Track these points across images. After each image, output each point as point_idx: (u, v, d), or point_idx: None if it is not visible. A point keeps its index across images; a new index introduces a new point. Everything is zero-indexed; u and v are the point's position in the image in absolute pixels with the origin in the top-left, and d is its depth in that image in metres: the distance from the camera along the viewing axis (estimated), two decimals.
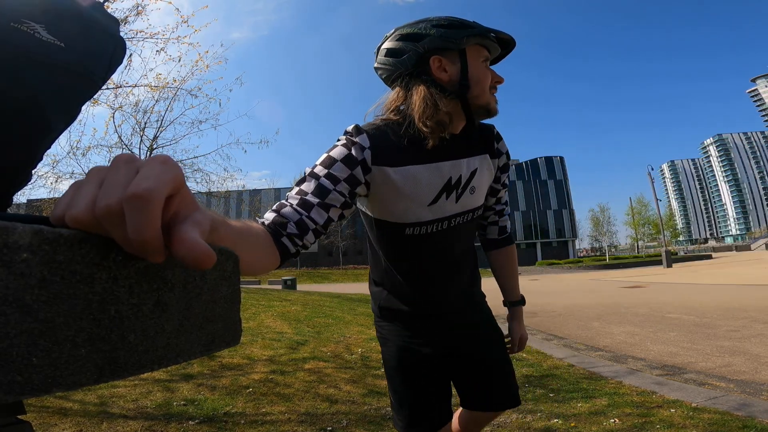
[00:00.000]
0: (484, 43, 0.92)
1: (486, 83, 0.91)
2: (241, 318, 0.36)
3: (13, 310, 0.21)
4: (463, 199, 0.95)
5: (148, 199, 0.24)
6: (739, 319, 4.98)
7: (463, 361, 1.09)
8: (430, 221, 0.93)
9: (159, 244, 0.24)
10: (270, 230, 0.68)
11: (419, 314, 1.04)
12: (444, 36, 0.87)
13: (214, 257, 0.25)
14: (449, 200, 0.93)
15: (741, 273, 12.94)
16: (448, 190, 0.93)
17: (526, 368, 3.31)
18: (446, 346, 1.07)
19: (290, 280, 15.15)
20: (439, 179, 0.91)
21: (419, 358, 1.03)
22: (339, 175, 0.80)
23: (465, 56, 0.89)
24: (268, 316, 5.88)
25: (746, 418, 2.07)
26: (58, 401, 2.31)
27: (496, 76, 0.93)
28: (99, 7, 0.61)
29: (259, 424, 2.16)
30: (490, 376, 1.10)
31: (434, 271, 1.01)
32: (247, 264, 0.54)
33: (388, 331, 1.07)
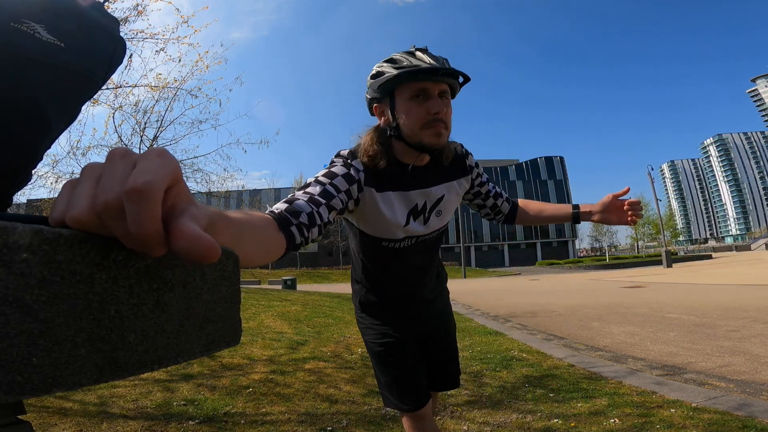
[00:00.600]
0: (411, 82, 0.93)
1: (414, 121, 0.94)
2: (241, 318, 0.36)
3: (13, 310, 0.21)
4: (430, 222, 1.10)
5: (147, 192, 0.24)
6: (739, 319, 4.98)
7: (429, 346, 1.28)
8: (402, 239, 1.08)
9: (160, 237, 0.24)
10: (277, 218, 0.69)
11: (393, 307, 1.21)
12: (371, 87, 0.99)
13: (218, 249, 0.25)
14: (417, 222, 1.07)
15: (741, 273, 12.94)
16: (415, 214, 1.07)
17: (526, 368, 3.31)
18: (418, 333, 1.25)
19: (290, 280, 15.15)
20: (408, 205, 1.05)
21: (397, 341, 1.19)
22: (340, 187, 0.90)
23: (393, 100, 0.97)
24: (268, 316, 5.88)
25: (746, 418, 2.07)
26: (58, 401, 2.31)
27: (430, 109, 0.93)
28: (99, 7, 0.61)
29: (259, 424, 2.16)
30: (446, 361, 1.31)
31: (404, 275, 1.18)
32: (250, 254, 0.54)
33: (370, 321, 1.23)
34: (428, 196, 1.07)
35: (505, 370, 3.28)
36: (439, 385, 1.31)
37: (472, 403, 2.54)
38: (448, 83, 0.96)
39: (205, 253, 0.25)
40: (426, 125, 0.94)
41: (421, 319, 1.25)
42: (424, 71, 0.92)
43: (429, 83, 0.93)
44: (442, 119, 0.94)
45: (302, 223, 0.73)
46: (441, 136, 0.95)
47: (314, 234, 0.78)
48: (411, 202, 1.05)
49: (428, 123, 0.94)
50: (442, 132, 0.95)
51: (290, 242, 0.69)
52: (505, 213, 1.28)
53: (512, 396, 2.65)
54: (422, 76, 0.93)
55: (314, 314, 6.48)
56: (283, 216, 0.71)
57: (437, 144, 0.96)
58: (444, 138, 0.96)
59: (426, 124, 0.94)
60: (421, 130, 0.94)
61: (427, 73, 0.92)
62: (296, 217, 0.72)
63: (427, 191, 1.06)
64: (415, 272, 1.19)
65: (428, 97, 0.94)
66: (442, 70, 0.92)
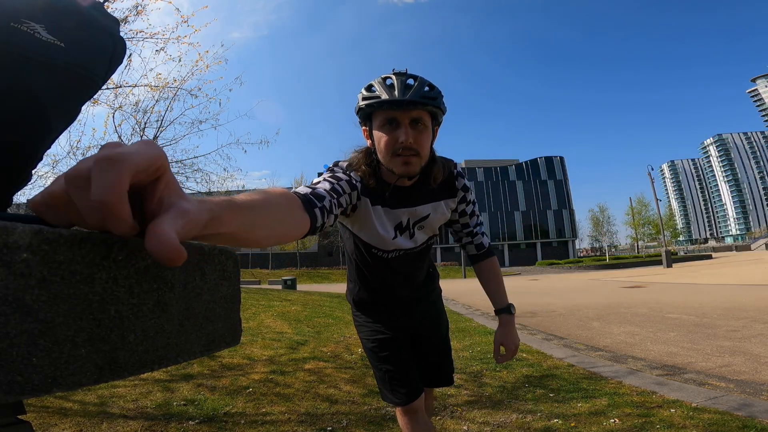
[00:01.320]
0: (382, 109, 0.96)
1: (385, 148, 0.97)
2: (241, 318, 0.36)
3: (13, 310, 0.21)
4: (416, 237, 1.14)
5: (116, 161, 0.23)
6: (739, 319, 4.98)
7: (421, 343, 1.33)
8: (391, 250, 1.14)
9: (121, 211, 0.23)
10: (303, 198, 0.71)
11: (384, 306, 1.27)
12: (356, 112, 1.04)
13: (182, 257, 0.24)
14: (404, 237, 1.12)
15: (741, 273, 12.94)
16: (401, 230, 1.12)
17: (526, 368, 3.31)
18: (410, 331, 1.29)
19: (290, 280, 15.15)
20: (394, 221, 1.10)
21: (389, 338, 1.24)
22: (345, 188, 0.94)
23: (371, 125, 1.01)
24: (268, 316, 5.88)
25: (746, 418, 2.07)
26: (58, 401, 2.31)
27: (397, 138, 0.94)
28: (99, 6, 0.61)
29: (259, 424, 2.16)
30: (438, 357, 1.36)
31: (393, 280, 1.23)
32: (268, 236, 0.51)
33: (364, 319, 1.29)
34: (412, 214, 1.11)
35: (505, 370, 3.28)
36: (432, 381, 1.35)
37: (472, 403, 2.54)
38: (426, 110, 0.96)
39: (169, 257, 0.24)
40: (395, 154, 0.96)
41: (413, 317, 1.30)
42: (386, 103, 0.95)
43: (396, 112, 0.95)
44: (411, 148, 0.95)
45: (325, 207, 0.77)
46: (410, 165, 0.96)
47: (330, 221, 0.81)
48: (396, 219, 1.10)
49: (397, 150, 0.95)
50: (411, 161, 0.96)
51: (313, 223, 0.71)
52: (469, 254, 1.30)
53: (512, 396, 2.65)
54: (386, 106, 0.95)
55: (314, 314, 6.48)
56: (308, 197, 0.73)
57: (406, 173, 0.97)
58: (413, 166, 0.97)
59: (395, 151, 0.95)
60: (391, 158, 0.97)
61: (389, 105, 0.94)
62: (320, 200, 0.76)
63: (412, 210, 1.10)
64: (404, 278, 1.24)
65: (398, 126, 0.95)
66: (404, 102, 0.93)
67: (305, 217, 0.68)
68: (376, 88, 0.97)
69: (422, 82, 0.97)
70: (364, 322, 1.29)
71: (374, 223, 1.07)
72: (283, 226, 0.59)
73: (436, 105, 0.97)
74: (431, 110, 0.98)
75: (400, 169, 0.97)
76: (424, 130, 0.98)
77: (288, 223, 0.61)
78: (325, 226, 0.79)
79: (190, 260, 0.30)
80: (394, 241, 1.11)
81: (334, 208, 0.83)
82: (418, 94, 0.95)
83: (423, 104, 0.95)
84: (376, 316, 1.27)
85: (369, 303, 1.29)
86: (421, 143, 0.97)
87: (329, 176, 0.96)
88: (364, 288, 1.27)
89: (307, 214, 0.69)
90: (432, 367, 1.34)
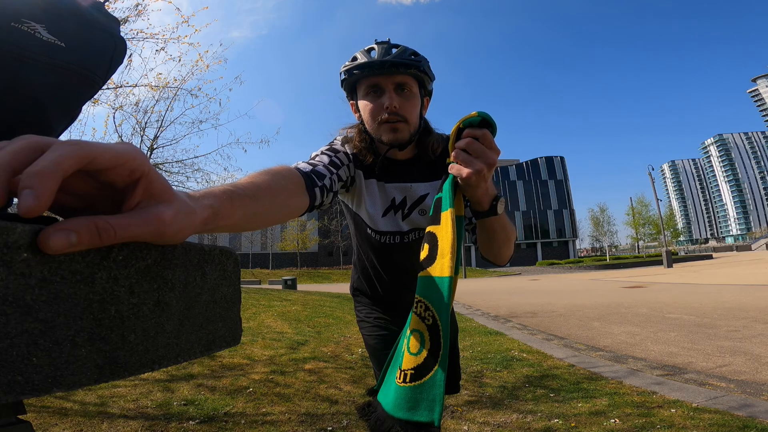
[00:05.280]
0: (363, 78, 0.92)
1: (370, 116, 0.92)
2: (241, 318, 0.36)
3: (13, 310, 0.21)
4: (412, 218, 1.03)
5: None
6: (740, 319, 4.98)
7: None
8: (384, 232, 1.05)
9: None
10: (305, 177, 0.72)
11: (385, 299, 1.19)
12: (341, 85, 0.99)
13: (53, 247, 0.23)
14: (397, 217, 1.03)
15: (741, 273, 12.92)
16: (395, 209, 1.03)
17: (526, 368, 3.31)
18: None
19: (290, 280, 15.14)
20: (385, 198, 1.02)
21: (391, 331, 1.16)
22: (343, 161, 0.92)
23: (356, 96, 0.97)
24: (268, 316, 5.88)
25: (747, 418, 2.06)
26: (58, 401, 2.31)
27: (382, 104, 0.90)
28: (99, 6, 0.61)
29: (259, 425, 2.16)
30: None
31: (391, 270, 1.13)
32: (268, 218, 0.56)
33: (366, 314, 1.22)
34: (408, 192, 1.02)
35: (506, 370, 3.28)
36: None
37: (472, 403, 2.54)
38: (410, 75, 0.91)
39: (43, 241, 0.23)
40: (381, 121, 0.91)
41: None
42: (364, 66, 0.90)
43: (380, 78, 0.90)
44: (397, 113, 0.90)
45: (324, 186, 0.77)
46: (398, 131, 0.91)
47: (328, 200, 0.81)
48: (389, 195, 1.02)
49: (383, 118, 0.90)
50: (398, 127, 0.91)
51: (312, 203, 0.72)
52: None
53: (512, 396, 2.65)
54: (367, 71, 0.90)
55: (314, 314, 6.48)
56: (310, 176, 0.73)
57: (395, 140, 0.92)
58: (402, 133, 0.92)
59: (381, 119, 0.91)
60: (378, 126, 0.92)
61: (367, 68, 0.90)
62: (321, 179, 0.76)
63: (406, 186, 1.01)
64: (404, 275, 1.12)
65: (382, 92, 0.91)
66: (386, 64, 0.88)
67: (305, 198, 0.69)
68: (359, 58, 0.93)
69: (405, 49, 0.92)
70: (365, 317, 1.22)
71: (365, 197, 1.02)
72: (284, 210, 0.62)
73: (421, 69, 0.91)
74: (417, 75, 0.92)
75: (388, 136, 0.91)
76: (410, 97, 0.93)
77: (289, 206, 0.64)
78: (323, 204, 0.79)
79: (191, 260, 0.30)
80: (384, 220, 1.03)
81: (334, 185, 0.83)
82: (401, 56, 0.90)
83: (407, 66, 0.89)
84: (377, 311, 1.21)
85: (368, 294, 1.22)
86: (407, 109, 0.92)
87: (327, 149, 0.93)
88: (363, 274, 1.21)
89: (308, 194, 0.70)
90: None
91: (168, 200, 0.28)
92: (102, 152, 0.24)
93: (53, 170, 0.22)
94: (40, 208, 0.21)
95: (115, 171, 0.25)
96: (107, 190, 0.27)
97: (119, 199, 0.27)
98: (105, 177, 0.26)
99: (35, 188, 0.21)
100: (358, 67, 0.91)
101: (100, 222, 0.24)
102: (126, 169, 0.26)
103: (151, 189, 0.27)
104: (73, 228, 0.23)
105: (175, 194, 0.30)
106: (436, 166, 0.99)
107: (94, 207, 0.28)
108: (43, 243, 0.22)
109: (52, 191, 0.22)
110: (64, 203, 0.27)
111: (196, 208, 0.32)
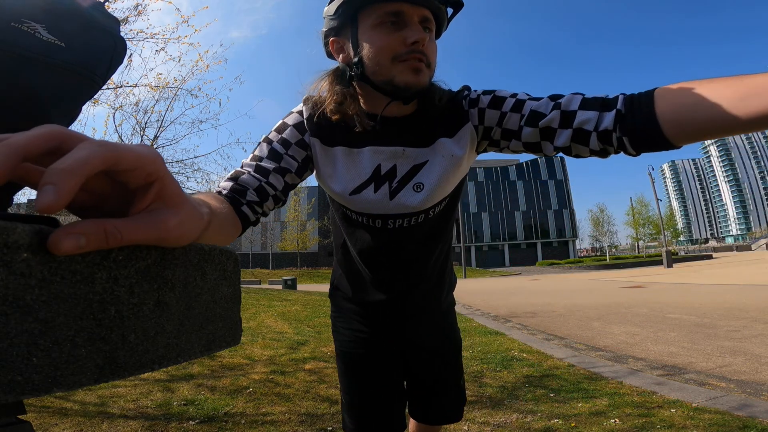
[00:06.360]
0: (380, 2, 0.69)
1: (382, 52, 0.70)
2: (241, 318, 0.36)
3: (13, 310, 0.21)
4: (400, 197, 0.78)
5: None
6: (740, 319, 4.98)
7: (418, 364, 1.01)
8: (359, 213, 0.82)
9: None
10: (229, 200, 0.64)
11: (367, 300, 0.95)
12: (327, 15, 0.75)
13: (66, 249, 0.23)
14: (380, 194, 0.78)
15: (741, 273, 12.92)
16: (377, 181, 0.78)
17: (526, 368, 3.31)
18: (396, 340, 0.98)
19: (290, 280, 15.15)
20: (363, 167, 0.78)
21: (370, 350, 0.95)
22: (290, 139, 0.76)
23: (356, 28, 0.72)
24: (268, 316, 5.88)
25: (747, 418, 2.06)
26: (58, 401, 2.31)
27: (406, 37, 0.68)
28: (99, 6, 0.61)
29: (259, 425, 2.16)
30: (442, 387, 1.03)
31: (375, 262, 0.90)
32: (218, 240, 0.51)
33: (342, 322, 1.00)
34: (399, 158, 0.77)
35: (506, 370, 3.28)
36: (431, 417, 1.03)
37: (472, 403, 2.54)
38: (433, 9, 0.72)
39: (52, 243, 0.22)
40: (399, 58, 0.69)
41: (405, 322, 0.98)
42: None
43: (405, 5, 0.69)
44: (422, 51, 0.69)
45: (251, 201, 0.66)
46: (420, 73, 0.70)
47: (270, 206, 0.70)
48: (369, 163, 0.78)
49: (402, 55, 0.69)
50: (422, 68, 0.70)
51: (245, 222, 0.65)
52: (613, 128, 0.61)
53: (512, 396, 2.65)
54: None
55: (314, 314, 6.48)
56: (231, 197, 0.65)
57: (415, 83, 0.70)
58: (424, 77, 0.71)
59: (399, 56, 0.69)
60: (393, 64, 0.70)
61: None
62: (243, 196, 0.66)
63: (397, 151, 0.77)
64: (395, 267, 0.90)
65: (404, 24, 0.69)
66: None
67: (236, 220, 0.63)
68: None
69: None
70: (342, 325, 0.99)
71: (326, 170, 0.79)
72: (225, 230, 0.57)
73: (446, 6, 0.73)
74: (440, 13, 0.73)
75: (408, 78, 0.69)
76: (432, 38, 0.74)
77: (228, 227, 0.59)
78: (264, 214, 0.70)
79: (191, 260, 0.30)
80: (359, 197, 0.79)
81: (270, 189, 0.69)
82: None
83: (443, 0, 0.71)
84: (356, 314, 0.97)
85: (347, 296, 0.98)
86: (431, 51, 0.72)
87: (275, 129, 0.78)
88: (346, 269, 0.97)
89: (237, 217, 0.63)
90: (432, 399, 1.02)
91: (177, 206, 0.28)
92: (126, 154, 0.25)
93: (79, 170, 0.22)
94: (58, 206, 0.21)
95: (133, 173, 0.26)
96: (119, 188, 0.27)
97: (130, 198, 0.28)
98: (122, 177, 0.26)
99: (58, 185, 0.21)
100: None
101: (109, 226, 0.24)
102: (144, 171, 0.26)
103: (163, 193, 0.27)
104: (82, 231, 0.23)
105: (185, 200, 0.29)
106: (438, 125, 0.77)
107: (104, 204, 0.28)
108: (54, 246, 0.22)
109: (73, 190, 0.22)
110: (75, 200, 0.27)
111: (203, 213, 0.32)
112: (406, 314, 0.97)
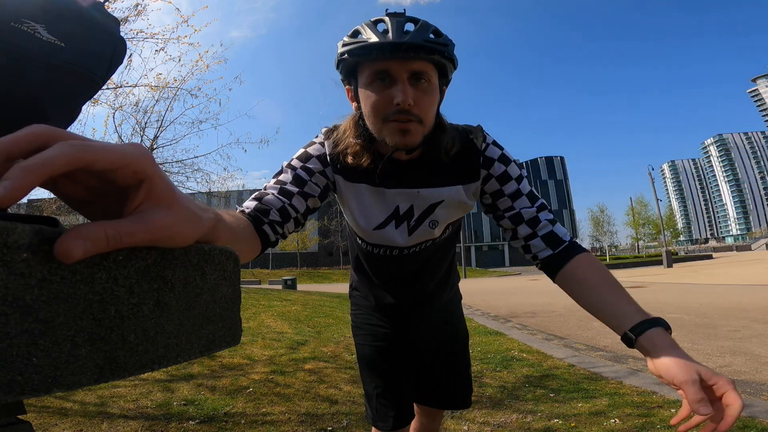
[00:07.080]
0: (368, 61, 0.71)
1: (374, 111, 0.72)
2: (241, 318, 0.36)
3: (13, 310, 0.21)
4: (418, 233, 0.87)
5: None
6: (740, 319, 4.98)
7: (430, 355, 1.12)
8: (378, 245, 0.91)
9: None
10: (251, 218, 0.66)
11: (381, 303, 1.08)
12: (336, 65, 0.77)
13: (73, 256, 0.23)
14: (399, 230, 0.86)
15: (741, 273, 12.92)
16: (398, 219, 0.85)
17: (526, 368, 3.31)
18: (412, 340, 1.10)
19: (290, 280, 15.15)
20: (385, 207, 0.84)
21: (388, 346, 1.07)
22: (314, 169, 0.80)
23: (356, 82, 0.75)
24: (268, 316, 5.88)
25: (747, 418, 2.06)
26: (58, 401, 2.31)
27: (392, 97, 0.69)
28: (99, 6, 0.61)
29: (259, 425, 2.16)
30: (449, 375, 1.14)
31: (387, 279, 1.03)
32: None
33: (362, 320, 1.12)
34: (415, 200, 0.83)
35: (506, 370, 3.28)
36: (440, 401, 1.15)
37: (472, 403, 2.54)
38: (429, 61, 0.70)
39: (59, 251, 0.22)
40: (388, 118, 0.71)
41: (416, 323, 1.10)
42: (371, 48, 0.69)
43: (391, 62, 0.69)
44: (409, 111, 0.69)
45: (274, 221, 0.68)
46: (408, 134, 0.71)
47: (291, 228, 0.73)
48: (391, 203, 0.83)
49: (390, 116, 0.70)
50: (409, 128, 0.71)
51: (265, 242, 0.66)
52: (540, 254, 0.81)
53: (512, 396, 2.65)
54: (374, 53, 0.69)
55: (314, 314, 6.48)
56: (253, 216, 0.67)
57: (403, 144, 0.72)
58: (414, 136, 0.72)
59: (387, 116, 0.71)
60: (384, 124, 0.72)
61: (375, 50, 0.68)
62: (266, 215, 0.68)
63: (412, 193, 0.82)
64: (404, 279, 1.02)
65: (393, 82, 0.70)
66: (401, 46, 0.67)
67: (256, 238, 0.64)
68: (363, 33, 0.71)
69: (426, 26, 0.70)
70: (362, 323, 1.11)
71: (352, 206, 0.84)
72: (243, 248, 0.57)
73: (446, 54, 0.70)
74: (438, 61, 0.71)
75: (395, 139, 0.71)
76: (429, 90, 0.71)
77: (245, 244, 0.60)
78: (285, 235, 0.72)
79: (190, 260, 0.30)
80: (379, 233, 0.85)
81: (292, 211, 0.72)
82: (421, 37, 0.68)
83: (428, 51, 0.68)
84: (376, 315, 1.09)
85: (364, 298, 1.11)
86: (423, 106, 0.71)
87: (297, 157, 0.81)
88: (362, 276, 1.08)
89: (257, 236, 0.65)
90: (440, 386, 1.13)
91: (168, 206, 0.28)
92: (103, 155, 0.25)
93: (39, 169, 0.22)
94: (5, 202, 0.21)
95: (117, 172, 0.26)
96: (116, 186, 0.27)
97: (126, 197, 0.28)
98: (108, 176, 0.26)
99: (14, 181, 0.21)
100: (363, 48, 0.69)
101: (109, 230, 0.24)
102: (129, 170, 0.26)
103: (153, 193, 0.27)
104: (87, 236, 0.23)
105: (177, 199, 0.29)
106: (452, 170, 0.82)
107: (103, 200, 0.28)
108: (66, 255, 0.22)
109: (27, 187, 0.22)
110: (75, 195, 0.28)
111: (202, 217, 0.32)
112: (416, 313, 1.09)
